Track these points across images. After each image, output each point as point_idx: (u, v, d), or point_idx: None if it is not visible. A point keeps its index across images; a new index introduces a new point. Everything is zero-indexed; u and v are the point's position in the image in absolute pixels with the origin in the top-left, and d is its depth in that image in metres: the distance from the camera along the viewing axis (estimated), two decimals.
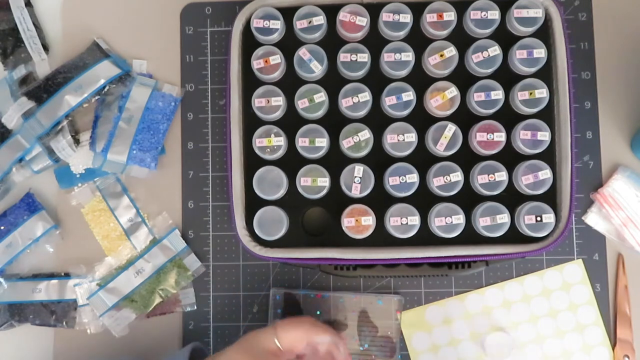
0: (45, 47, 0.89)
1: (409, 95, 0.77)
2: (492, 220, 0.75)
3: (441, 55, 0.77)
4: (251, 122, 0.80)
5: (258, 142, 0.77)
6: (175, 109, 0.87)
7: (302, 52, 0.78)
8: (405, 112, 0.78)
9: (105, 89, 0.85)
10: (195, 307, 0.85)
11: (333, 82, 0.79)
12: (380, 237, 0.77)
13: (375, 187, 0.77)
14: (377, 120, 0.78)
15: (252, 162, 0.79)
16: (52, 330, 0.86)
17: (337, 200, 0.78)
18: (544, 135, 0.76)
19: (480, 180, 0.76)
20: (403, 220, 0.75)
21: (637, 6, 0.86)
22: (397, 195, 0.76)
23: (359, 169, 0.76)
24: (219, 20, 0.89)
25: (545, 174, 0.76)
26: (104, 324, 0.84)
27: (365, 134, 0.77)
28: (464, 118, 0.78)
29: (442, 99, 0.77)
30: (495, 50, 0.77)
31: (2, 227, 0.86)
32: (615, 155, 0.85)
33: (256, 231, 0.77)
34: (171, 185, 0.87)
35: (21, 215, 0.85)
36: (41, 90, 0.84)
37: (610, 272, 0.84)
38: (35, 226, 0.85)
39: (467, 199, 0.77)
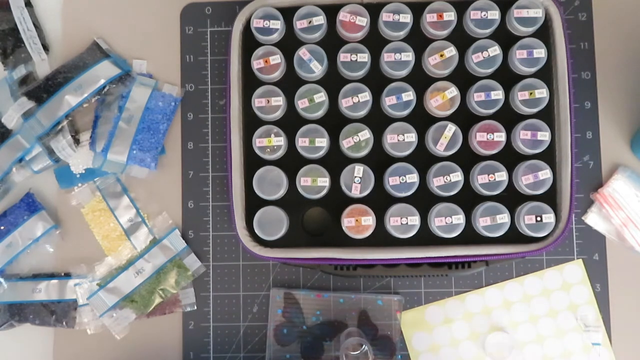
0: (45, 47, 0.89)
1: (409, 95, 0.77)
2: (492, 220, 0.75)
3: (441, 55, 0.77)
4: (251, 122, 0.80)
5: (258, 142, 0.77)
6: (175, 109, 0.87)
7: (302, 52, 0.78)
8: (405, 112, 0.78)
9: (105, 89, 0.85)
10: (195, 307, 0.85)
11: (333, 82, 0.79)
12: (380, 237, 0.77)
13: (375, 187, 0.77)
14: (377, 120, 0.78)
15: (252, 162, 0.79)
16: (52, 330, 0.86)
17: (337, 200, 0.78)
18: (544, 135, 0.76)
19: (480, 180, 0.76)
20: (403, 220, 0.75)
21: (637, 6, 0.86)
22: (397, 195, 0.76)
23: (359, 169, 0.76)
24: (219, 20, 0.89)
25: (545, 174, 0.76)
26: (104, 324, 0.84)
27: (365, 134, 0.77)
28: (464, 118, 0.78)
29: (442, 99, 0.77)
30: (495, 50, 0.77)
31: (2, 227, 0.86)
32: (615, 155, 0.85)
33: (256, 231, 0.77)
34: (171, 185, 0.87)
35: (21, 215, 0.85)
36: (41, 90, 0.84)
37: (610, 272, 0.84)
38: (35, 226, 0.85)
39: (467, 199, 0.77)
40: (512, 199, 0.77)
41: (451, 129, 0.76)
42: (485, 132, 0.76)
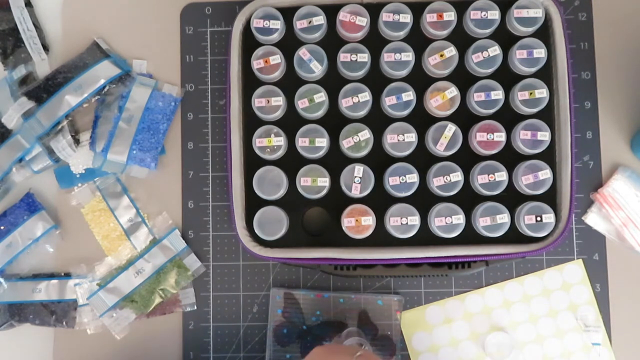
0: (45, 47, 0.89)
1: (409, 95, 0.77)
2: (492, 220, 0.75)
3: (441, 55, 0.77)
4: (251, 122, 0.80)
5: (258, 142, 0.77)
6: (175, 109, 0.87)
7: (302, 52, 0.78)
8: (405, 112, 0.78)
9: (105, 89, 0.85)
10: (195, 307, 0.85)
11: (333, 82, 0.79)
12: (380, 237, 0.77)
13: (375, 187, 0.77)
14: (377, 120, 0.78)
15: (252, 162, 0.79)
16: (52, 330, 0.86)
17: (337, 200, 0.78)
18: (544, 135, 0.76)
19: (480, 180, 0.76)
20: (403, 220, 0.75)
21: (637, 6, 0.86)
22: (397, 195, 0.76)
23: (359, 169, 0.76)
24: (219, 20, 0.89)
25: (545, 174, 0.76)
26: (104, 324, 0.84)
27: (365, 134, 0.77)
28: (464, 118, 0.78)
29: (442, 99, 0.77)
30: (495, 50, 0.77)
31: (2, 227, 0.86)
32: (615, 155, 0.85)
33: (256, 231, 0.77)
34: (171, 185, 0.87)
35: (21, 215, 0.85)
36: (41, 90, 0.84)
37: (610, 272, 0.84)
38: (35, 226, 0.85)
39: (467, 199, 0.77)
40: (512, 199, 0.77)
41: (451, 129, 0.76)
42: (485, 132, 0.76)
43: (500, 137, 0.76)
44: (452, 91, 0.77)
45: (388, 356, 0.83)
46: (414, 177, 0.76)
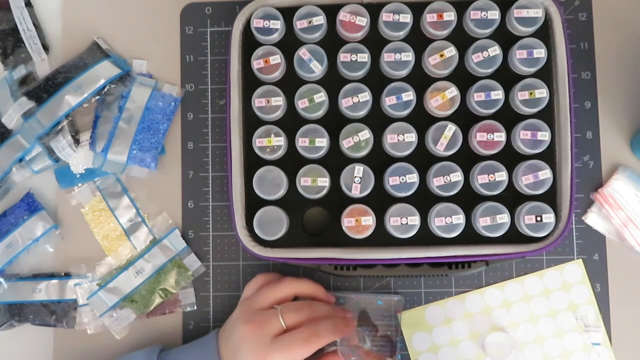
0: (45, 47, 0.89)
1: (409, 95, 0.77)
2: (492, 220, 0.75)
3: (441, 55, 0.77)
4: (251, 122, 0.80)
5: (258, 142, 0.77)
6: (175, 109, 0.87)
7: (302, 52, 0.78)
8: (405, 112, 0.78)
9: (105, 89, 0.85)
10: (195, 307, 0.85)
11: (333, 82, 0.79)
12: (380, 237, 0.77)
13: (375, 187, 0.77)
14: (377, 120, 0.78)
15: (252, 162, 0.79)
16: (52, 330, 0.86)
17: (337, 200, 0.78)
18: (544, 135, 0.76)
19: (480, 180, 0.76)
20: (403, 220, 0.75)
21: (637, 6, 0.86)
22: (397, 195, 0.76)
23: (359, 169, 0.76)
24: (219, 20, 0.89)
25: (545, 174, 0.76)
26: (104, 324, 0.84)
27: (365, 134, 0.77)
28: (464, 118, 0.78)
29: (442, 99, 0.77)
30: (495, 50, 0.77)
31: (2, 227, 0.86)
32: (615, 155, 0.85)
33: (256, 231, 0.77)
34: (171, 185, 0.87)
35: (21, 215, 0.85)
36: (41, 90, 0.84)
37: (610, 272, 0.84)
38: (35, 226, 0.85)
39: (467, 199, 0.77)
40: (512, 199, 0.77)
41: (451, 129, 0.76)
42: (485, 132, 0.76)
43: (500, 137, 0.76)
44: (452, 91, 0.77)
45: (388, 356, 0.83)
46: (414, 177, 0.76)
